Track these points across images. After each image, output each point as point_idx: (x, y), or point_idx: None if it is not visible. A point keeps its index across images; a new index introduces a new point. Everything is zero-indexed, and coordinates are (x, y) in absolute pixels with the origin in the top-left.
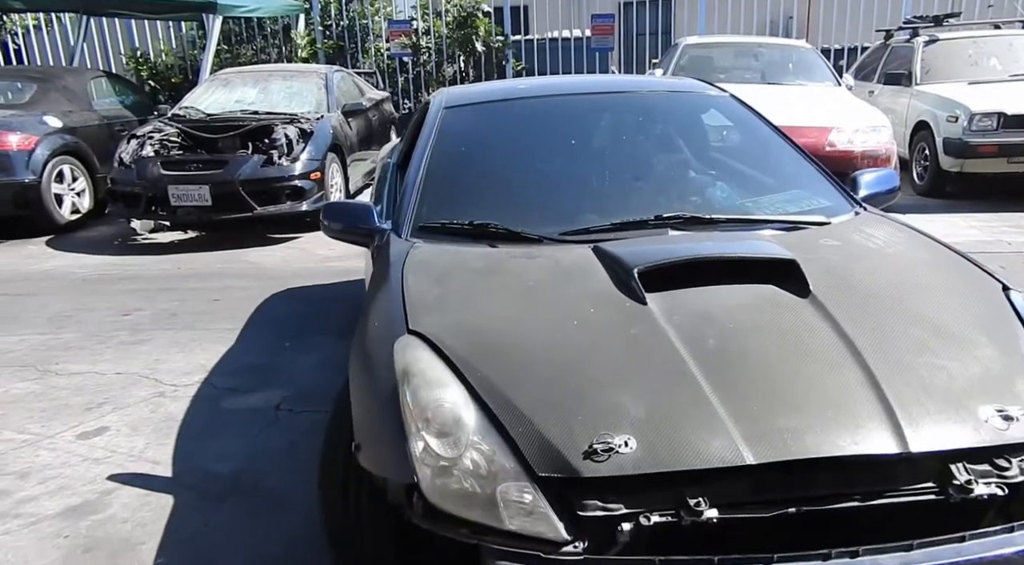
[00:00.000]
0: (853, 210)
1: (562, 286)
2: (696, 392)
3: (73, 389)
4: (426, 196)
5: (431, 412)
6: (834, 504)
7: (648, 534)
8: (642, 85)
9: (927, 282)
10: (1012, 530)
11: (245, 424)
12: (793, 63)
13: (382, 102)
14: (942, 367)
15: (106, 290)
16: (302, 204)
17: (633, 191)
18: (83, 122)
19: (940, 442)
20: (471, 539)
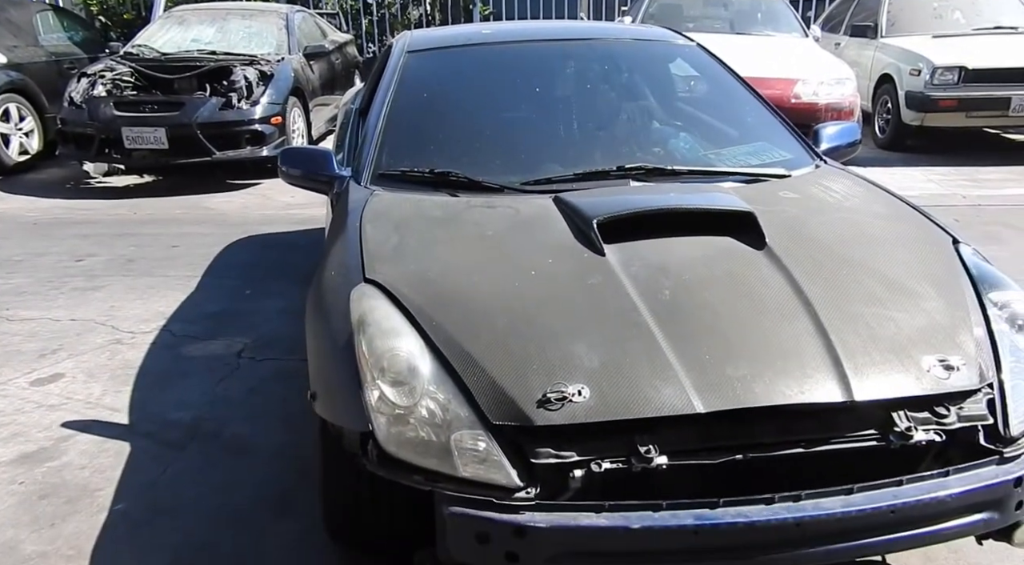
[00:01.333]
0: (814, 163)
1: (521, 236)
2: (650, 342)
3: (26, 335)
4: (386, 143)
5: (386, 361)
6: (780, 451)
7: (599, 480)
8: (609, 32)
9: (880, 235)
10: (947, 474)
11: (205, 372)
12: (762, 13)
13: (345, 45)
14: (889, 318)
15: (58, 234)
16: (263, 149)
17: (596, 141)
18: (29, 58)
19: (883, 391)
20: (425, 486)
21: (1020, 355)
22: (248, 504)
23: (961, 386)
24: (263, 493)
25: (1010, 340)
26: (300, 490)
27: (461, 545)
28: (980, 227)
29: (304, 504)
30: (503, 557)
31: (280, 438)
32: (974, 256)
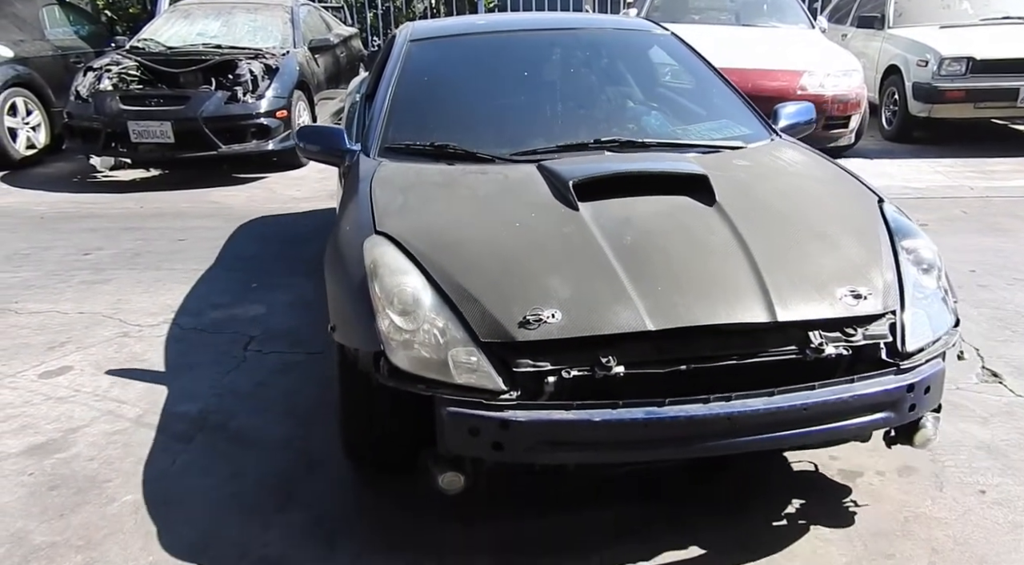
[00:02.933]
0: (769, 137)
1: (509, 196)
2: (612, 277)
3: (34, 328)
4: (392, 121)
5: (395, 295)
6: (716, 362)
7: (569, 386)
8: (592, 23)
9: (815, 194)
10: (852, 381)
11: (212, 365)
12: (768, 4)
13: (350, 38)
14: (813, 259)
15: (66, 228)
16: (268, 143)
17: (577, 118)
18: (36, 52)
19: (801, 314)
20: (427, 392)
21: (921, 290)
22: (255, 495)
23: (867, 312)
24: (269, 484)
25: (914, 278)
26: (306, 481)
27: (456, 439)
28: (988, 219)
29: (310, 495)
30: (490, 447)
31: (286, 430)
32: (895, 212)
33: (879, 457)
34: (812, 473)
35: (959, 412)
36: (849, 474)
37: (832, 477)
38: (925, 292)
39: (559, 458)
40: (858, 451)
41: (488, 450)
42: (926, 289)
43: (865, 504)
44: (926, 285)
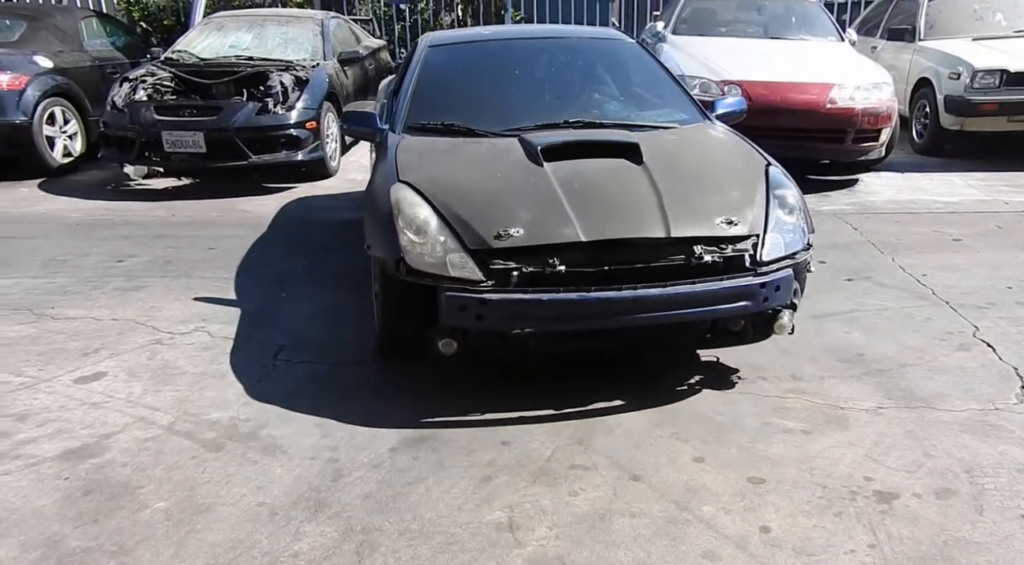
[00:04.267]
0: (702, 121)
1: (494, 157)
2: (560, 209)
3: (69, 334)
4: (412, 106)
5: (412, 221)
6: (630, 265)
7: (527, 278)
8: (574, 32)
9: (717, 158)
10: (722, 279)
11: (242, 373)
12: (796, 17)
13: (379, 51)
14: (704, 199)
15: (100, 235)
16: (297, 154)
17: (553, 104)
18: (74, 63)
19: (688, 232)
20: (432, 283)
21: (781, 223)
22: (284, 504)
23: (736, 234)
24: (298, 493)
25: (777, 215)
26: (334, 491)
27: (451, 314)
28: (1022, 234)
29: (339, 505)
30: (474, 318)
31: (315, 440)
32: (777, 172)
33: (916, 479)
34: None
35: (997, 433)
36: (885, 495)
37: (851, 480)
38: (784, 225)
39: (520, 325)
40: (894, 472)
41: (472, 321)
42: (785, 223)
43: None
44: (786, 220)
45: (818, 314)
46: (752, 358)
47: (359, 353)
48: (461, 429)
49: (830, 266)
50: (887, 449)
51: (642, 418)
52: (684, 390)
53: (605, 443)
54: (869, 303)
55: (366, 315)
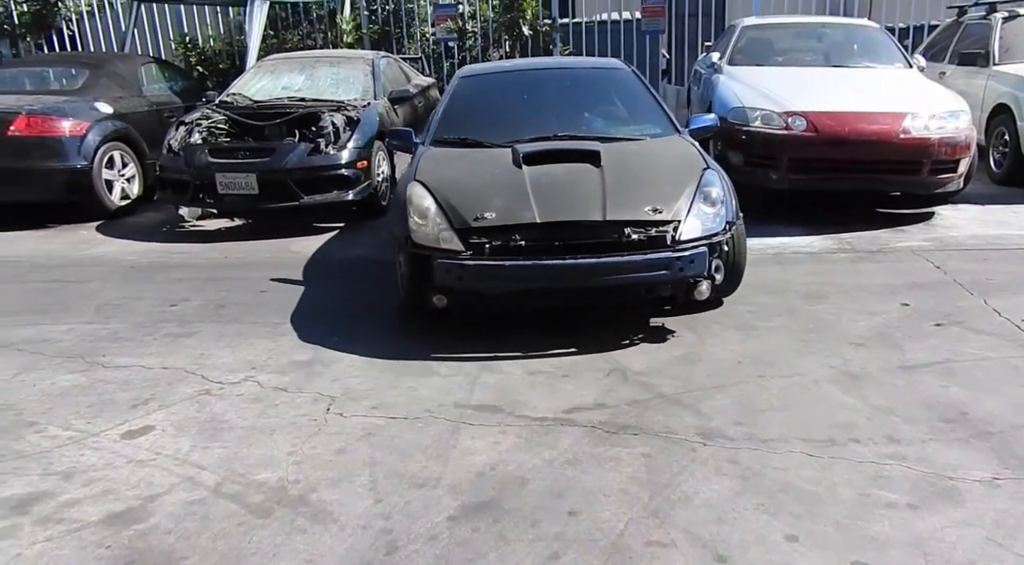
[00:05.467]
0: (671, 135)
1: (488, 162)
2: (526, 199)
3: (119, 383)
4: (440, 125)
5: (418, 208)
6: (576, 241)
7: (496, 250)
8: (579, 63)
9: (664, 162)
10: (644, 253)
11: (292, 428)
12: (859, 44)
13: (428, 88)
14: (639, 193)
15: (154, 278)
16: (348, 193)
17: (548, 122)
18: (133, 108)
19: (621, 216)
20: (428, 253)
21: (702, 212)
22: None
23: (659, 218)
24: None
25: (698, 206)
26: None
27: (441, 275)
28: None
29: None
30: (456, 279)
31: (367, 506)
32: (711, 175)
33: None
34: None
35: None
36: None
37: None
38: (704, 213)
39: (489, 286)
40: None
41: (455, 281)
42: (706, 212)
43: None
44: (707, 210)
45: (908, 365)
46: (840, 415)
47: (415, 406)
48: (524, 498)
49: (914, 309)
50: (1012, 531)
51: (722, 486)
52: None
53: (683, 515)
54: (965, 352)
55: (424, 360)
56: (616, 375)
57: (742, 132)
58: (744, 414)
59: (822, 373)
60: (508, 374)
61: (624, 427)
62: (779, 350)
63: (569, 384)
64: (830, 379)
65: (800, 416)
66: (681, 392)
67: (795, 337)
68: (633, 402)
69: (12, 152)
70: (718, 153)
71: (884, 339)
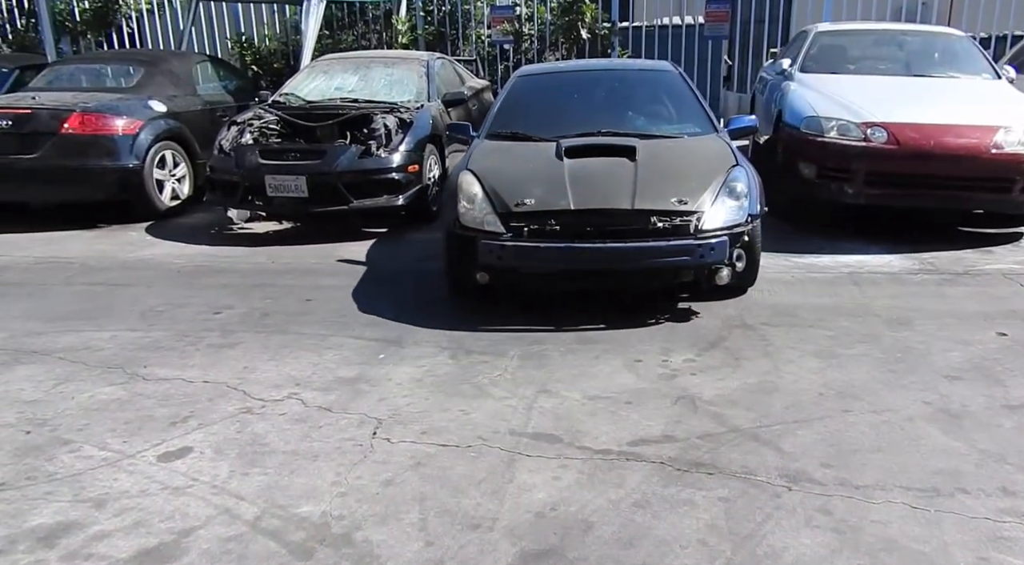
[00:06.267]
0: (708, 134)
1: (534, 155)
2: (563, 188)
3: (159, 398)
4: (495, 120)
5: (467, 193)
6: (607, 227)
7: (533, 233)
8: (630, 65)
9: (696, 157)
10: (668, 240)
11: (336, 453)
12: (943, 52)
13: (483, 91)
14: (667, 186)
15: (200, 283)
16: (398, 198)
17: (594, 119)
18: (186, 107)
19: (647, 206)
20: (472, 235)
21: (725, 204)
22: None
23: (683, 208)
24: None
25: (723, 198)
26: None
27: (484, 255)
28: None
29: None
30: (497, 258)
31: (416, 550)
32: (739, 171)
33: None
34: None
35: None
36: None
37: None
38: (727, 206)
39: (525, 265)
40: None
41: (496, 260)
42: (729, 204)
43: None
44: (730, 203)
45: (1013, 404)
46: (943, 461)
47: (467, 433)
48: (589, 546)
49: (1013, 340)
50: None
51: (815, 540)
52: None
53: None
54: None
55: (475, 382)
56: (684, 404)
57: (816, 143)
58: (832, 455)
59: (916, 410)
60: (566, 398)
61: (697, 464)
62: (865, 381)
63: (633, 412)
64: (926, 417)
65: (897, 459)
66: (758, 426)
67: (882, 367)
68: (705, 435)
69: (65, 150)
70: (784, 164)
71: (982, 373)
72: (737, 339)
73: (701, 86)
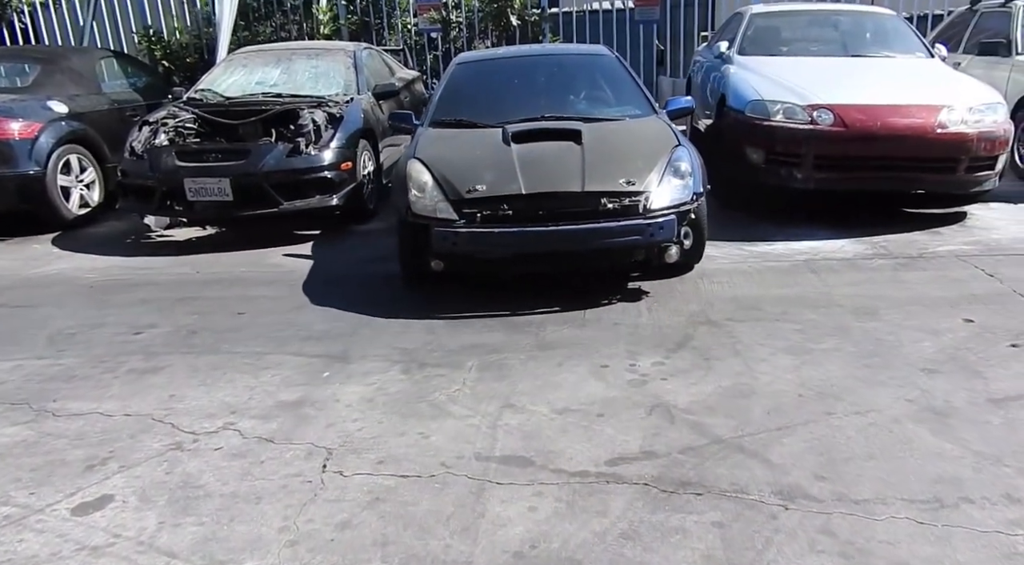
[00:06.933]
0: (648, 116)
1: (481, 141)
2: (513, 173)
3: (72, 438)
4: (437, 108)
5: (416, 182)
6: (557, 210)
7: (486, 218)
8: (565, 50)
9: (639, 139)
10: (618, 220)
11: (282, 493)
12: (876, 32)
13: (413, 82)
14: (614, 167)
15: (116, 300)
16: (332, 198)
17: (536, 104)
18: (91, 107)
19: (596, 187)
20: (425, 222)
21: (670, 183)
22: None
23: (631, 189)
24: None
25: (668, 178)
26: None
27: (438, 243)
28: None
29: None
30: (451, 245)
31: None
32: (681, 151)
33: None
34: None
35: None
36: None
37: None
38: (673, 185)
39: (480, 251)
40: None
41: (451, 247)
42: (675, 184)
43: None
44: (676, 182)
45: (996, 397)
46: (939, 466)
47: (429, 460)
48: None
49: (981, 326)
50: None
51: None
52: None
53: None
54: None
55: (432, 399)
56: (660, 413)
57: (762, 127)
58: (824, 465)
59: (901, 409)
60: (533, 413)
61: (683, 484)
62: (842, 379)
63: (606, 426)
64: (912, 417)
65: (891, 467)
66: (741, 435)
67: (856, 362)
68: (687, 449)
69: None
70: (730, 149)
71: (959, 364)
72: (704, 337)
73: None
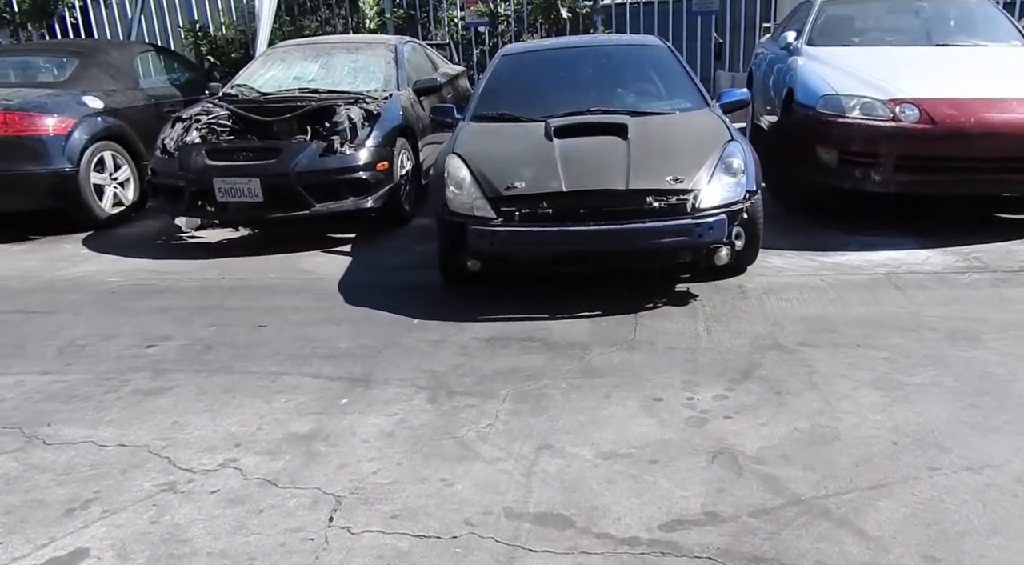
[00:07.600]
0: (700, 109)
1: (522, 136)
2: (554, 169)
3: (58, 472)
4: (480, 101)
5: (455, 178)
6: (601, 208)
7: (525, 217)
8: (615, 41)
9: (689, 134)
10: (665, 220)
11: (279, 553)
12: (965, 19)
13: (457, 77)
14: (661, 164)
15: (135, 307)
16: (367, 200)
17: (583, 97)
18: (127, 102)
19: (642, 185)
20: (462, 220)
21: (721, 181)
22: None
23: (679, 187)
24: None
25: (719, 176)
26: None
27: (475, 242)
28: None
29: None
30: (488, 244)
31: None
32: (734, 146)
33: None
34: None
35: None
36: None
37: None
38: (724, 183)
39: (518, 251)
40: None
41: (488, 246)
42: (726, 180)
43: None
44: (727, 180)
45: None
46: None
47: (451, 515)
48: None
49: None
50: None
51: None
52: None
53: None
54: None
55: (460, 436)
56: (724, 462)
57: (836, 124)
58: (933, 540)
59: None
60: (574, 458)
61: (757, 560)
62: (945, 423)
63: (661, 477)
64: None
65: (1022, 548)
66: (825, 494)
67: (960, 401)
68: (759, 511)
69: None
70: (798, 148)
71: None
72: (773, 366)
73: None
